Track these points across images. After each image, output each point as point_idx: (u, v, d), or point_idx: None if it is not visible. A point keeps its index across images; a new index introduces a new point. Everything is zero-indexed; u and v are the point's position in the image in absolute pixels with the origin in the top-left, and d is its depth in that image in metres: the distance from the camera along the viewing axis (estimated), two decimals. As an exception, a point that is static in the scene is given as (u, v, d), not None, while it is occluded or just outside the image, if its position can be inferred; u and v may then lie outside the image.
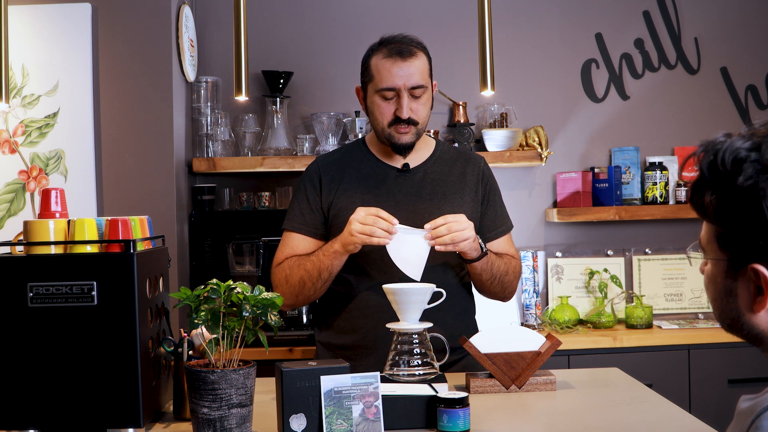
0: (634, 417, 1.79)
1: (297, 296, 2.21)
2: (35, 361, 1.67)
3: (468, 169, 2.30)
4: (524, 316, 3.53)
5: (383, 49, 2.19)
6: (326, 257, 2.14)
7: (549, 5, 3.68)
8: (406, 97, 2.16)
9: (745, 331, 1.10)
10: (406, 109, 2.16)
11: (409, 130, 2.19)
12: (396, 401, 1.70)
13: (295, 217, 2.27)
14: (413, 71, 2.16)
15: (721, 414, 3.09)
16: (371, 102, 2.22)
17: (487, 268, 2.18)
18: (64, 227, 1.76)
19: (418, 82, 2.16)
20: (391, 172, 2.27)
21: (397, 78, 2.15)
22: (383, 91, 2.17)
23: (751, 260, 1.05)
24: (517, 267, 2.30)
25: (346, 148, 2.37)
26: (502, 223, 2.32)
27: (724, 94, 3.71)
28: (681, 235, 3.63)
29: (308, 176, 2.30)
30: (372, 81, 2.20)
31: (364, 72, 2.23)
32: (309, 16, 3.62)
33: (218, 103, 3.46)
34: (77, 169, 3.05)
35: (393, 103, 2.18)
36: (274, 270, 2.26)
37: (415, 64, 2.17)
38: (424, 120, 2.22)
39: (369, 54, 2.23)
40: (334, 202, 2.24)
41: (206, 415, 1.58)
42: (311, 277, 2.16)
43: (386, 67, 2.16)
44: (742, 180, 1.03)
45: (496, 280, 2.22)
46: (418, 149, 2.29)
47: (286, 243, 2.27)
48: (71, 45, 3.07)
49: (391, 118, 2.18)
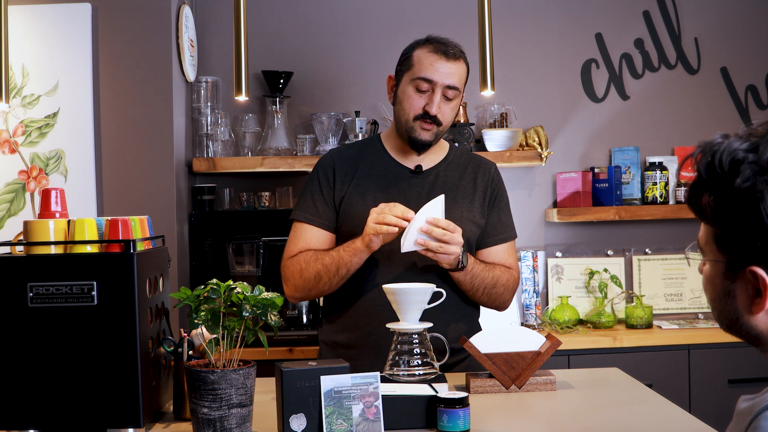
0: (634, 417, 1.79)
1: (310, 290, 2.19)
2: (35, 361, 1.67)
3: (479, 175, 2.30)
4: (524, 316, 3.53)
5: (430, 44, 2.20)
6: (347, 253, 2.12)
7: (549, 5, 3.68)
8: (439, 93, 2.17)
9: (744, 331, 1.10)
10: (436, 105, 2.17)
11: (432, 128, 2.19)
12: (396, 401, 1.70)
13: (307, 208, 2.24)
14: (453, 72, 2.17)
15: (721, 414, 3.08)
16: (403, 91, 2.21)
17: (466, 280, 2.15)
18: (64, 227, 1.76)
19: (455, 83, 2.18)
20: (404, 172, 2.26)
21: (437, 73, 2.16)
22: (419, 81, 2.17)
23: (749, 262, 1.04)
24: (509, 280, 2.25)
25: (361, 144, 2.36)
26: (504, 230, 2.29)
27: (724, 94, 3.71)
28: (681, 235, 3.63)
29: (322, 168, 2.28)
30: (410, 69, 2.19)
31: (404, 61, 2.23)
32: (309, 16, 3.62)
33: (218, 103, 3.46)
34: (77, 169, 3.06)
35: (425, 98, 2.18)
36: (285, 262, 2.23)
37: (457, 66, 2.18)
38: (447, 123, 2.22)
39: (413, 46, 2.23)
40: (346, 197, 2.22)
41: (206, 415, 1.58)
42: (329, 272, 2.14)
43: (430, 60, 2.17)
44: (739, 182, 1.02)
45: (479, 292, 2.19)
46: (433, 152, 2.28)
47: (298, 235, 2.24)
48: (71, 45, 3.07)
49: (419, 112, 2.18)
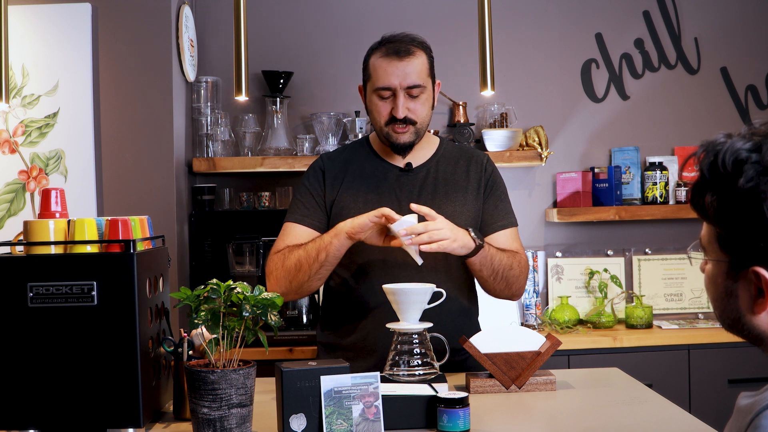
0: (634, 417, 1.79)
1: (290, 282, 2.13)
2: (35, 361, 1.67)
3: (471, 168, 2.28)
4: (524, 316, 3.53)
5: (382, 48, 2.17)
6: (327, 234, 2.09)
7: (549, 5, 3.68)
8: (402, 96, 2.14)
9: (746, 331, 1.10)
10: (401, 109, 2.15)
11: (407, 130, 2.17)
12: (396, 401, 1.70)
13: (297, 210, 2.24)
14: (410, 71, 2.14)
15: (721, 414, 3.08)
16: (370, 101, 2.21)
17: (486, 263, 2.11)
18: (64, 227, 1.76)
19: (414, 81, 2.14)
20: (394, 171, 2.26)
21: (393, 77, 2.14)
22: (379, 90, 2.16)
23: (752, 262, 1.04)
24: (522, 261, 2.22)
25: (350, 147, 2.36)
26: (503, 217, 2.26)
27: (724, 94, 3.71)
28: (681, 235, 3.63)
29: (312, 172, 2.28)
30: (370, 80, 2.19)
31: (364, 71, 2.23)
32: (309, 16, 3.62)
33: (218, 103, 3.46)
34: (77, 169, 3.05)
35: (389, 103, 2.17)
36: (270, 257, 2.20)
37: (413, 63, 2.15)
38: (424, 119, 2.19)
39: (369, 53, 2.22)
40: (337, 199, 2.22)
41: (206, 415, 1.58)
42: (308, 257, 2.09)
43: (383, 67, 2.15)
44: (743, 182, 1.02)
45: (499, 276, 2.16)
46: (422, 148, 2.27)
47: (286, 233, 2.22)
48: (71, 45, 3.07)
49: (387, 118, 2.17)
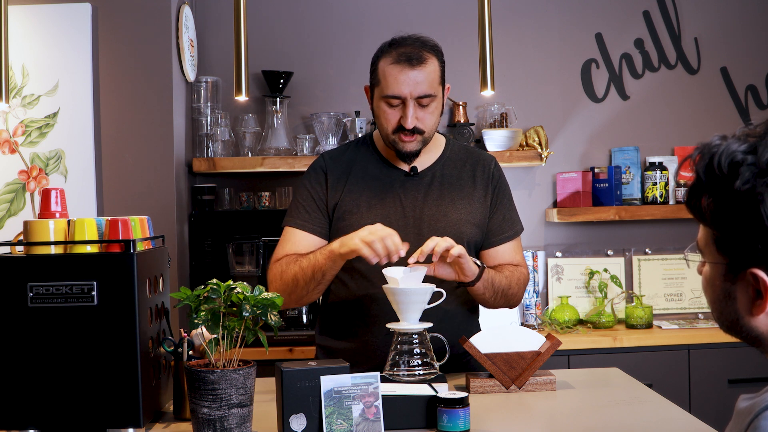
0: (634, 417, 1.79)
1: (290, 294, 2.09)
2: (35, 361, 1.67)
3: (478, 171, 2.22)
4: (524, 316, 3.53)
5: (392, 52, 2.07)
6: (322, 256, 2.03)
7: (549, 5, 3.68)
8: (412, 106, 2.06)
9: (744, 333, 1.09)
10: (411, 119, 2.05)
11: (414, 139, 2.09)
12: (396, 401, 1.70)
13: (298, 214, 2.17)
14: (422, 79, 2.05)
15: (721, 414, 3.09)
16: (377, 106, 2.12)
17: (488, 285, 2.09)
18: (64, 227, 1.76)
19: (425, 91, 2.05)
20: (398, 175, 2.18)
21: (404, 86, 2.04)
22: (389, 98, 2.07)
23: (749, 264, 1.04)
24: (521, 277, 2.19)
25: (353, 146, 2.26)
26: (510, 227, 2.23)
27: (724, 94, 3.71)
28: (681, 235, 3.63)
29: (314, 173, 2.20)
30: (378, 85, 2.09)
31: (372, 73, 2.12)
32: (309, 16, 3.62)
33: (218, 103, 3.46)
34: (77, 169, 3.06)
35: (398, 111, 2.07)
36: (270, 266, 2.16)
37: (425, 71, 2.05)
38: (431, 128, 2.12)
39: (378, 55, 2.11)
40: (339, 203, 2.15)
41: (206, 415, 1.58)
42: (305, 276, 2.06)
43: (393, 74, 2.05)
44: (739, 184, 1.02)
45: (499, 296, 2.14)
46: (428, 151, 2.19)
47: (287, 239, 2.16)
48: (71, 45, 3.07)
49: (395, 126, 2.08)
